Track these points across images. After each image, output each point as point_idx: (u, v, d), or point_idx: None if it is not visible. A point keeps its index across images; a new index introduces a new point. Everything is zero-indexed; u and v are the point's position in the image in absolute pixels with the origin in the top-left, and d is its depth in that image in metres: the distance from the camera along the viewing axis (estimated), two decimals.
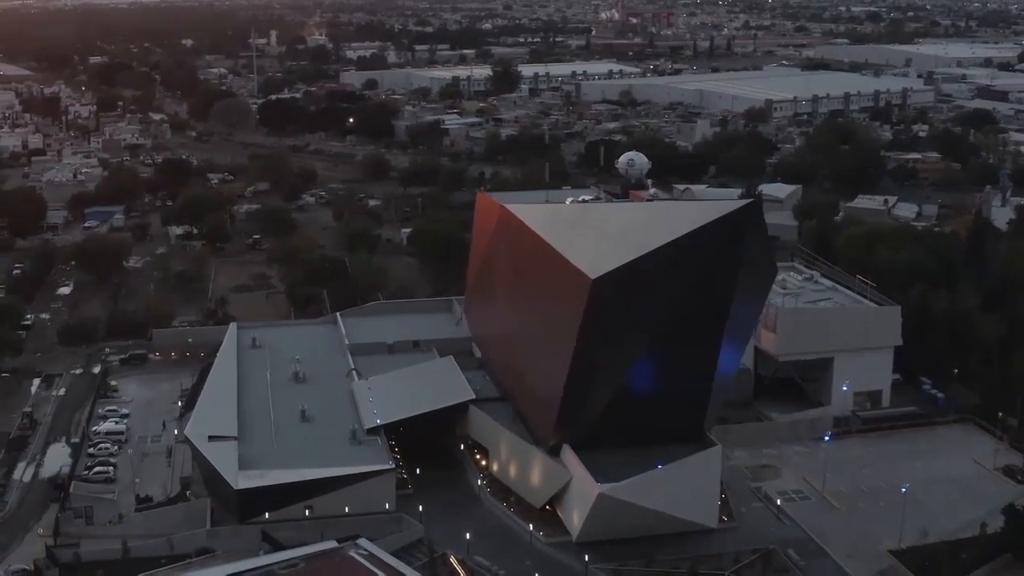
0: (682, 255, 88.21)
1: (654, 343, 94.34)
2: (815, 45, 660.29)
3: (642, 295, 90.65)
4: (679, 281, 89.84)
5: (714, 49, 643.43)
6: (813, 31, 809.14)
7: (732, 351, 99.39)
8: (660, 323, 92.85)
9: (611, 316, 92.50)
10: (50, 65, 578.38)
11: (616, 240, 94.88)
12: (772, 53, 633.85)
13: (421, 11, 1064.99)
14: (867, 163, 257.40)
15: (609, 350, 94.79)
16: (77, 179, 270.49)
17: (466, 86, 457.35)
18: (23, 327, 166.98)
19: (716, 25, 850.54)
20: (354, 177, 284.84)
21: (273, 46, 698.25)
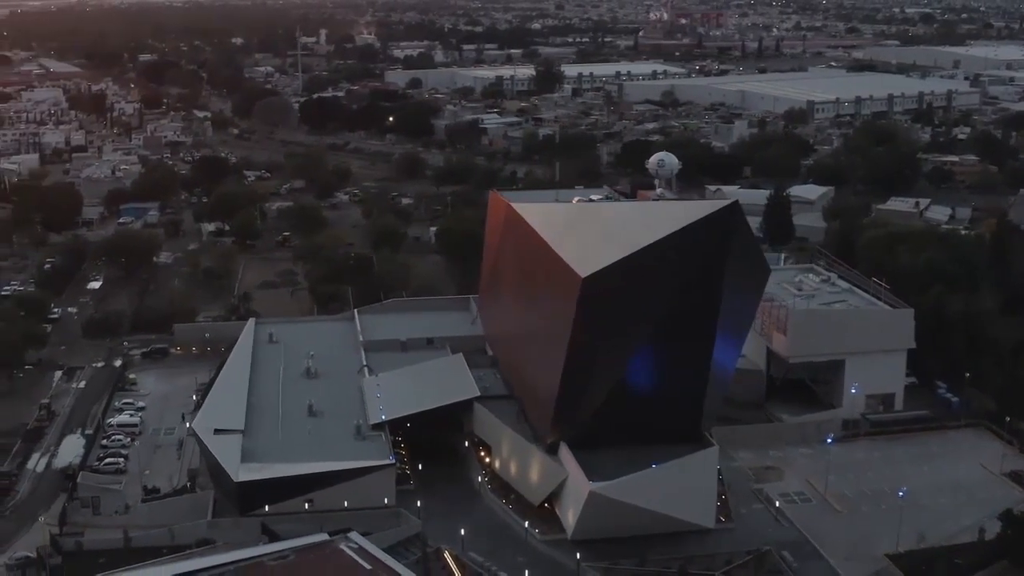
0: (667, 254, 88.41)
1: (646, 341, 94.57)
2: (864, 46, 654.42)
3: (631, 293, 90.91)
4: (666, 280, 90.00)
5: (762, 50, 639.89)
6: (864, 32, 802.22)
7: (727, 351, 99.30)
8: (651, 321, 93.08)
9: (602, 314, 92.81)
10: (100, 63, 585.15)
11: (607, 239, 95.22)
12: (821, 54, 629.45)
13: (473, 11, 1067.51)
14: (903, 165, 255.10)
15: (602, 348, 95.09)
16: (115, 175, 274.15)
17: (509, 86, 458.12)
18: (50, 320, 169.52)
19: (767, 26, 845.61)
20: (389, 176, 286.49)
21: (322, 45, 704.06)
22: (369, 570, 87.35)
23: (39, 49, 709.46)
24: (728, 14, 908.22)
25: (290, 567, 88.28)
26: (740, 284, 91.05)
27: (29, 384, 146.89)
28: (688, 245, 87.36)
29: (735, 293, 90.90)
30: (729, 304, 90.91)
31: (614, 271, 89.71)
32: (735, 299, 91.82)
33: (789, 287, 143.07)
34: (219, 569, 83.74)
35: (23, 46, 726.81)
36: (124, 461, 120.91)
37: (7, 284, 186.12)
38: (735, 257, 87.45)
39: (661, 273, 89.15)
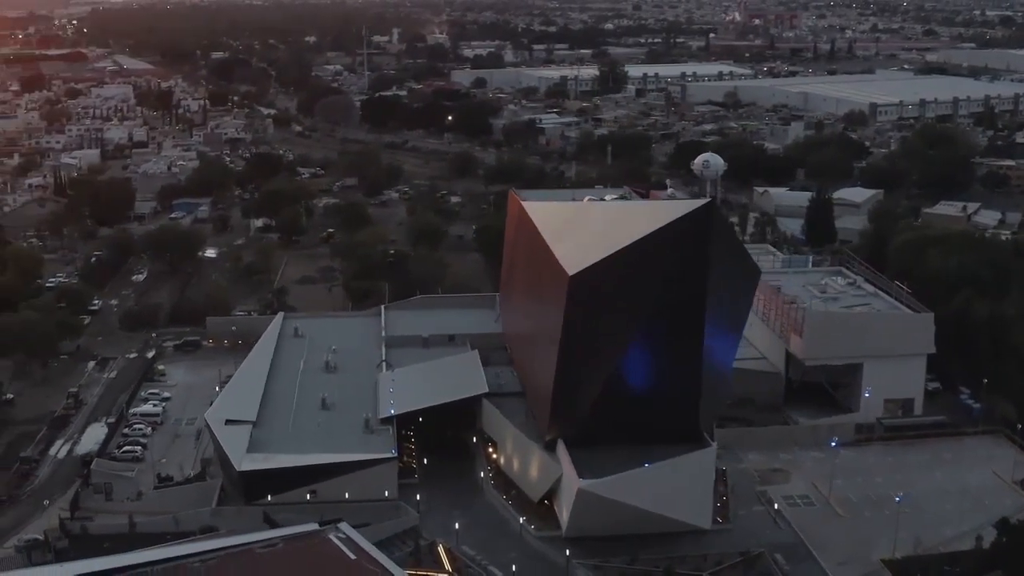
0: (648, 253, 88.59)
1: (635, 338, 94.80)
2: (939, 49, 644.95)
3: (617, 291, 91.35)
4: (649, 277, 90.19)
5: (835, 52, 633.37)
6: (941, 35, 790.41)
7: (721, 351, 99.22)
8: (638, 318, 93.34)
9: (590, 311, 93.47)
10: (173, 60, 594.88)
11: (597, 238, 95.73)
12: (895, 56, 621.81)
13: (549, 11, 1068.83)
14: (957, 169, 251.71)
15: (592, 345, 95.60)
16: (171, 171, 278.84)
17: (573, 86, 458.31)
18: (89, 312, 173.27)
19: (842, 28, 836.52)
20: (441, 174, 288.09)
21: (394, 44, 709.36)
22: (353, 560, 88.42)
23: (116, 46, 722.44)
24: (804, 16, 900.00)
25: (277, 555, 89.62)
26: (727, 284, 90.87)
27: (62, 373, 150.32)
28: (667, 244, 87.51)
29: (722, 293, 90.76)
30: (717, 303, 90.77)
31: (599, 269, 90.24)
32: (723, 299, 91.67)
33: (813, 289, 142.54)
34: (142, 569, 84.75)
35: (100, 43, 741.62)
36: (142, 450, 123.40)
37: (53, 276, 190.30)
38: (717, 256, 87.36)
39: (644, 271, 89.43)
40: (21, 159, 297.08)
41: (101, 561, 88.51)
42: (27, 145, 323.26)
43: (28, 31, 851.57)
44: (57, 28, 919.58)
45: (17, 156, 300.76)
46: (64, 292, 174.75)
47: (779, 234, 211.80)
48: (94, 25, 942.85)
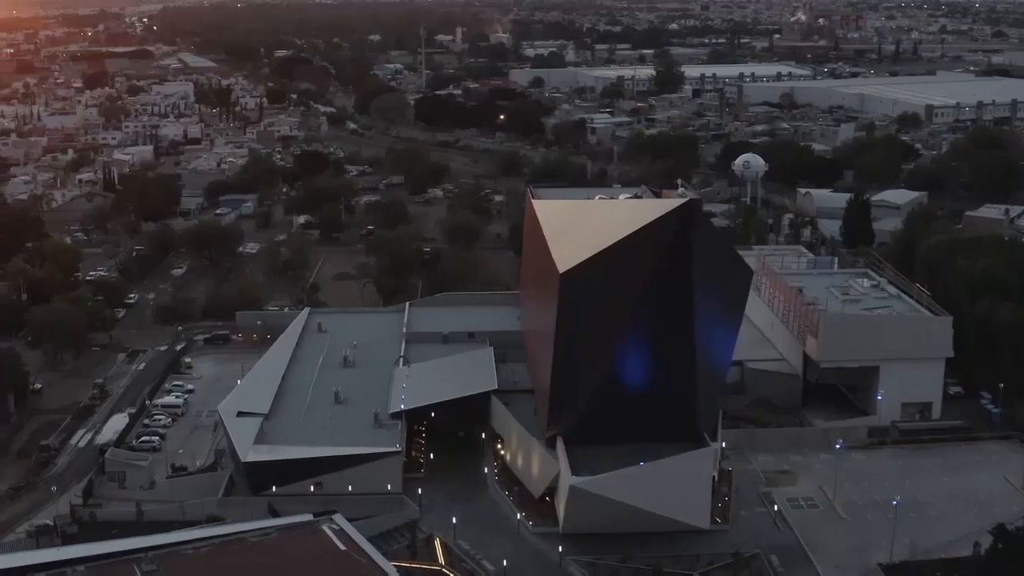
0: (633, 250, 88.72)
1: (626, 336, 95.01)
2: (1006, 51, 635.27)
3: (606, 288, 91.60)
4: (635, 275, 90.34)
5: (899, 53, 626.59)
6: (1011, 37, 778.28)
7: (716, 350, 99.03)
8: (627, 316, 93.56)
9: (581, 308, 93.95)
10: (237, 58, 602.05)
11: (589, 236, 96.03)
12: (960, 59, 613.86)
13: (617, 10, 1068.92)
14: (1005, 172, 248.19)
15: (585, 342, 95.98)
16: (220, 168, 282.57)
17: (630, 86, 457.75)
18: (126, 305, 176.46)
19: (910, 29, 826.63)
20: (489, 172, 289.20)
21: (457, 43, 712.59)
22: (343, 551, 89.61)
23: (182, 44, 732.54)
24: (873, 17, 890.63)
25: (269, 544, 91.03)
26: (716, 283, 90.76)
27: (92, 364, 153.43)
28: (651, 241, 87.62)
29: (712, 291, 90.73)
30: (706, 302, 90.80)
31: (588, 266, 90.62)
32: (713, 297, 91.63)
33: (836, 291, 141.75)
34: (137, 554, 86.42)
35: (168, 41, 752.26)
36: (159, 440, 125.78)
37: (94, 270, 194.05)
38: (702, 254, 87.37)
39: (630, 268, 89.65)
40: (75, 155, 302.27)
41: (98, 546, 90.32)
42: (83, 141, 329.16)
43: (98, 28, 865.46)
44: (127, 26, 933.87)
45: (72, 152, 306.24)
46: (101, 286, 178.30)
47: (818, 235, 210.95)
48: (164, 23, 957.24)
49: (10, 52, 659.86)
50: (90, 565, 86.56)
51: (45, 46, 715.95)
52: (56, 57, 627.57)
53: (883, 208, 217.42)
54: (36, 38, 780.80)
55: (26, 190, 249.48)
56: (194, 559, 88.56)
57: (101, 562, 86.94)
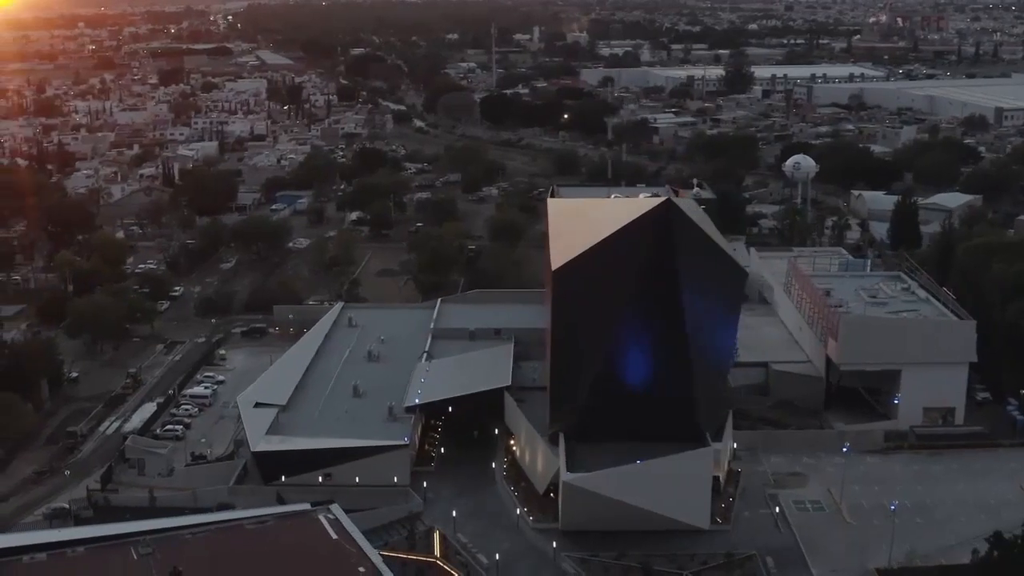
0: (617, 249, 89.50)
1: (618, 333, 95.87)
2: None
3: (596, 285, 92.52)
4: (621, 273, 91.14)
5: (979, 55, 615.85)
6: None
7: (714, 350, 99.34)
8: (618, 313, 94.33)
9: (575, 305, 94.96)
10: (314, 56, 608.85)
11: (582, 234, 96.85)
12: None
13: (700, 10, 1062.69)
14: None
15: (580, 338, 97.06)
16: (280, 164, 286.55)
17: (700, 86, 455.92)
18: (170, 297, 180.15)
19: (994, 30, 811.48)
20: (546, 171, 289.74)
21: (534, 42, 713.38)
22: (335, 540, 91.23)
23: (262, 42, 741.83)
24: (956, 18, 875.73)
25: (265, 531, 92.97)
26: (705, 283, 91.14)
27: (130, 355, 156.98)
28: (632, 240, 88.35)
29: (702, 292, 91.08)
30: (696, 301, 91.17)
31: (577, 264, 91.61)
32: (704, 298, 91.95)
33: (864, 294, 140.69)
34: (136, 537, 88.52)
35: (249, 38, 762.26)
36: (183, 429, 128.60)
37: (143, 263, 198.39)
38: (687, 254, 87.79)
39: (616, 266, 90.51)
40: (140, 150, 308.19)
41: (98, 528, 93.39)
42: (151, 137, 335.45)
43: (182, 25, 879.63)
44: (210, 23, 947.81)
45: (137, 147, 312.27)
46: (146, 278, 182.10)
47: (867, 237, 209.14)
48: (247, 20, 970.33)
49: (92, 49, 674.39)
50: (89, 547, 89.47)
51: (128, 43, 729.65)
52: (137, 54, 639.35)
53: (934, 211, 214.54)
54: (120, 35, 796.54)
55: (87, 184, 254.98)
56: (190, 543, 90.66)
57: (100, 544, 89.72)
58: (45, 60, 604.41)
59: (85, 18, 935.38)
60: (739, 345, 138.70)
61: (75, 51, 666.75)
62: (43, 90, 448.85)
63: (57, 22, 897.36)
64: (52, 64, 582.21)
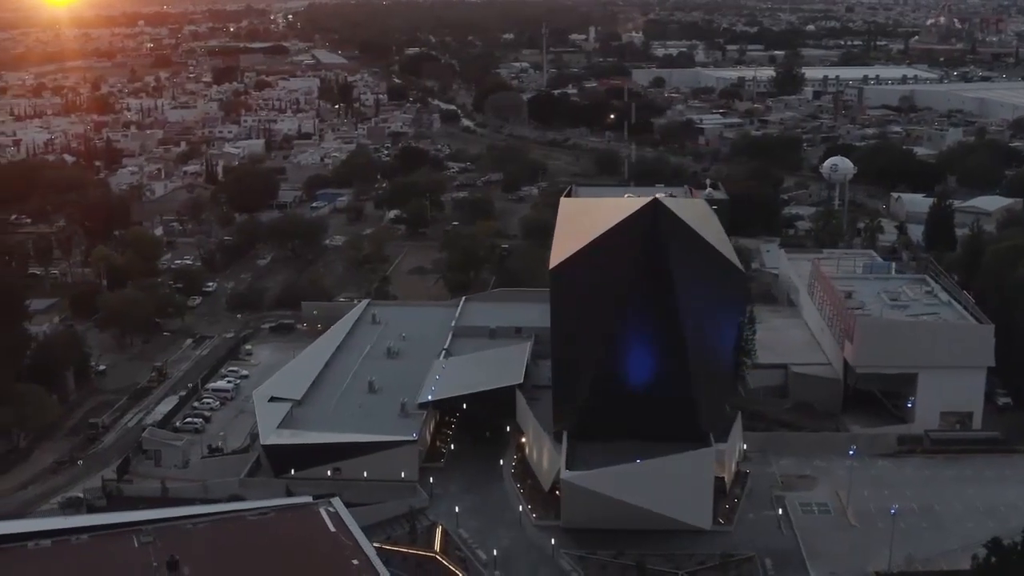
0: (608, 249, 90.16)
1: (614, 332, 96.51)
2: None
3: (590, 284, 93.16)
4: (614, 272, 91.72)
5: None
6: None
7: (714, 350, 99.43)
8: (613, 312, 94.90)
9: (571, 303, 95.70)
10: (369, 55, 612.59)
11: (582, 234, 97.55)
12: None
13: (760, 11, 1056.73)
14: None
15: (577, 336, 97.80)
16: (323, 162, 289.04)
17: (751, 87, 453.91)
18: (203, 293, 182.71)
19: None
20: (586, 171, 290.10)
21: (590, 42, 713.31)
22: (332, 533, 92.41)
23: (319, 41, 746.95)
24: (1018, 20, 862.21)
25: (265, 522, 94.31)
26: (701, 284, 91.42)
27: (159, 349, 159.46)
28: (622, 240, 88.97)
29: (698, 292, 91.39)
30: (693, 302, 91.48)
31: (572, 263, 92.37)
32: (701, 298, 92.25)
33: (885, 296, 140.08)
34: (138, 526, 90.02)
35: (306, 37, 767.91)
36: (202, 422, 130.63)
37: (180, 259, 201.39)
38: (679, 254, 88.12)
39: (608, 266, 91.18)
40: (186, 148, 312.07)
41: (102, 517, 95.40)
42: (200, 135, 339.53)
43: (241, 24, 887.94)
44: (270, 22, 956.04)
45: (184, 144, 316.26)
46: (180, 274, 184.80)
47: (903, 239, 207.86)
48: (307, 19, 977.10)
49: (150, 47, 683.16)
50: (93, 534, 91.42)
51: (187, 41, 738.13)
52: (194, 52, 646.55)
53: (972, 214, 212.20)
54: (179, 33, 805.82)
55: (131, 180, 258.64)
56: (191, 533, 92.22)
57: (103, 532, 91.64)
58: (103, 58, 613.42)
59: (146, 16, 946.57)
60: (760, 346, 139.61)
61: (133, 49, 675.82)
62: (98, 87, 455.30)
63: (119, 20, 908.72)
64: (110, 62, 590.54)
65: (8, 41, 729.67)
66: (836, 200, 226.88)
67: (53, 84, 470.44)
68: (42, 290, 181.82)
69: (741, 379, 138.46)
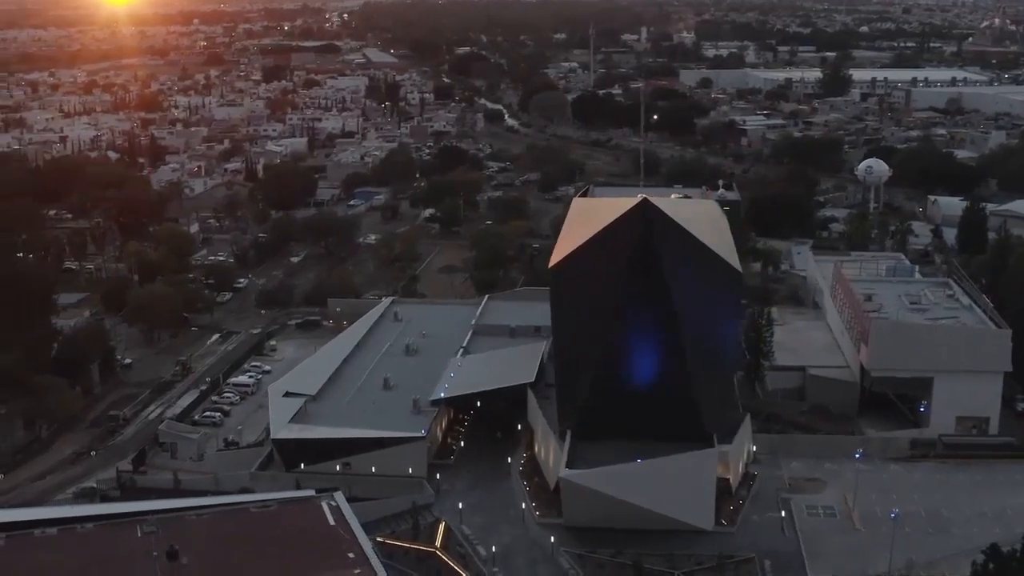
0: (602, 248, 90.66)
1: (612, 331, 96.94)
2: None
3: (588, 284, 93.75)
4: (607, 273, 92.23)
5: None
6: None
7: (714, 351, 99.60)
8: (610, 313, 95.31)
9: (570, 302, 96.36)
10: (420, 54, 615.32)
11: (581, 234, 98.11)
12: None
13: (815, 12, 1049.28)
14: None
15: (577, 336, 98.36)
16: (364, 161, 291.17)
17: (798, 88, 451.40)
18: (234, 289, 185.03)
19: None
20: (624, 171, 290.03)
21: (641, 42, 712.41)
22: (331, 526, 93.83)
23: (372, 40, 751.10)
24: None
25: (266, 514, 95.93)
26: (696, 283, 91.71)
27: (186, 343, 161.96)
28: (615, 240, 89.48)
29: (694, 292, 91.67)
30: (689, 302, 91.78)
31: (569, 263, 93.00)
32: (696, 298, 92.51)
33: (905, 299, 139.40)
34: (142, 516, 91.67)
35: (359, 36, 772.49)
36: (220, 416, 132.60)
37: (214, 255, 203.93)
38: (672, 254, 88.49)
39: (602, 265, 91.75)
40: (229, 145, 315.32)
41: (111, 506, 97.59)
42: (244, 132, 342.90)
43: (296, 23, 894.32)
44: (324, 20, 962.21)
45: (227, 142, 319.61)
46: (211, 270, 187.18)
47: (936, 242, 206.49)
48: (361, 18, 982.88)
49: (203, 45, 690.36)
50: (98, 523, 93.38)
51: (241, 39, 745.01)
52: (247, 50, 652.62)
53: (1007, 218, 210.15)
54: (233, 31, 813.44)
55: (172, 177, 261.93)
56: (194, 524, 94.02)
57: (108, 521, 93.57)
58: (157, 56, 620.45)
59: (202, 15, 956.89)
60: (780, 348, 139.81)
61: (187, 47, 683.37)
62: (148, 85, 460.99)
63: (175, 18, 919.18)
64: (163, 60, 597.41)
65: (65, 39, 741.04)
66: (871, 202, 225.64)
67: (104, 81, 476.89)
68: (76, 284, 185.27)
69: (759, 381, 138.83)
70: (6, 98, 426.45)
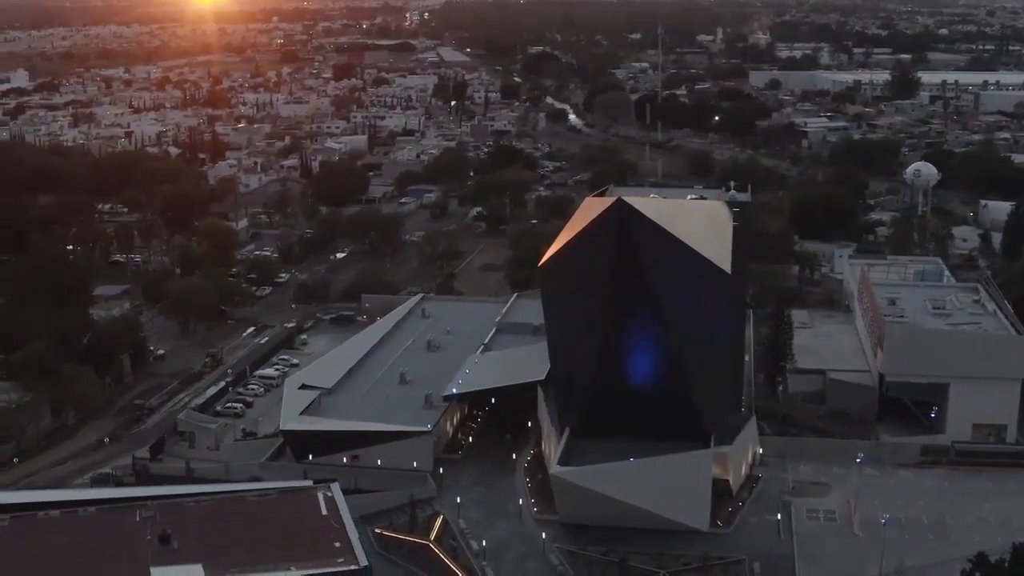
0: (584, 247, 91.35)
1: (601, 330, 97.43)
2: None
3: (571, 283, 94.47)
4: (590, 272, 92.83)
5: None
6: None
7: (706, 351, 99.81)
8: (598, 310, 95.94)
9: (559, 300, 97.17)
10: (494, 53, 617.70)
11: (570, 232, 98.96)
12: None
13: (898, 14, 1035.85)
14: None
15: (568, 334, 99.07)
16: (419, 159, 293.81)
17: (867, 90, 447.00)
18: (274, 284, 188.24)
19: None
20: (677, 172, 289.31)
21: (716, 43, 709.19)
22: (324, 516, 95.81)
23: (448, 38, 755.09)
24: None
25: (265, 502, 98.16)
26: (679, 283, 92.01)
27: (220, 336, 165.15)
28: (594, 240, 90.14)
29: (680, 292, 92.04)
30: (676, 302, 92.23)
31: (555, 261, 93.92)
32: (684, 298, 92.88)
33: (929, 304, 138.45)
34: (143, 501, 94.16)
35: (435, 35, 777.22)
36: (242, 407, 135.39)
37: (261, 250, 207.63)
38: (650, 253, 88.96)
39: (584, 265, 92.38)
40: (289, 142, 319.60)
41: (114, 491, 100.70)
42: (308, 130, 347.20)
43: (375, 21, 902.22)
44: (403, 19, 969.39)
45: (288, 139, 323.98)
46: (253, 264, 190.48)
47: (982, 247, 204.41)
48: (441, 17, 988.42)
49: (279, 43, 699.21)
50: (100, 507, 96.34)
51: (318, 37, 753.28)
52: (322, 48, 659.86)
53: None
54: (312, 29, 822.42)
55: (228, 173, 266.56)
56: (191, 510, 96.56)
57: (110, 505, 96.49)
58: (234, 53, 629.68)
59: (283, 13, 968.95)
60: (804, 351, 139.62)
61: (265, 44, 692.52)
62: (219, 82, 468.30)
63: (256, 16, 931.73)
64: (239, 57, 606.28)
65: (146, 35, 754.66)
66: (920, 206, 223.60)
67: (177, 78, 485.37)
68: (123, 277, 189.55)
69: (781, 383, 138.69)
70: (79, 93, 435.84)
